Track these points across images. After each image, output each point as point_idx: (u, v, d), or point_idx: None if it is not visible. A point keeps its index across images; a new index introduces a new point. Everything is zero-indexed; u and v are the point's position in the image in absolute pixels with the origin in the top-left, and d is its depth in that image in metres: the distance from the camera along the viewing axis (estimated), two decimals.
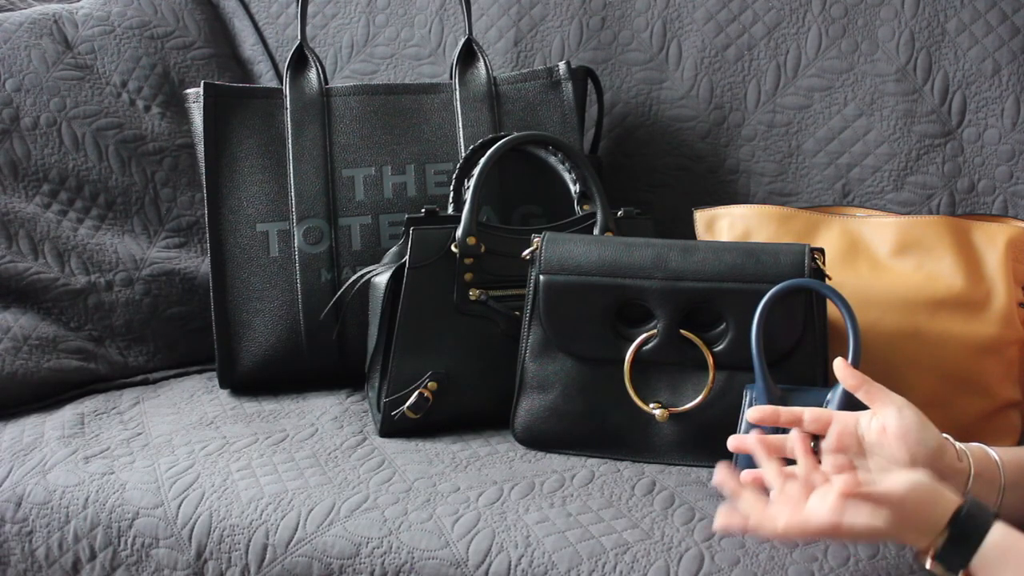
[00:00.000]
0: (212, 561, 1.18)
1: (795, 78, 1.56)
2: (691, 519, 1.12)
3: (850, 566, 1.04)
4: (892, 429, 1.04)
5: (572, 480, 1.21)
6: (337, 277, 1.46)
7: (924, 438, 1.04)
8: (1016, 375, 1.32)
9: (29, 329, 1.48)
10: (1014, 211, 1.47)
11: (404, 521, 1.14)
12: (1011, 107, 1.47)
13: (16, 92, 1.57)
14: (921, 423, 1.04)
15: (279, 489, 1.20)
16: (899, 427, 1.04)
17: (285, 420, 1.38)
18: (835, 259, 1.33)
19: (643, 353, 1.25)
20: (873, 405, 1.06)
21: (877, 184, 1.52)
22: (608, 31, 1.64)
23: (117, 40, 1.67)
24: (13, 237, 1.51)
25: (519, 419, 1.30)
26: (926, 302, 1.30)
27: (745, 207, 1.40)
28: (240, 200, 1.46)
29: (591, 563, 1.07)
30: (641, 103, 1.62)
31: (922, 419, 1.05)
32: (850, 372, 1.09)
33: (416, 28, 1.72)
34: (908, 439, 1.03)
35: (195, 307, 1.58)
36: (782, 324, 1.21)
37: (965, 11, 1.49)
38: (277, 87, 1.50)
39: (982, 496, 1.05)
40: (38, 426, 1.38)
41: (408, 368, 1.32)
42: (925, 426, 1.05)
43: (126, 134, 1.61)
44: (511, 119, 1.51)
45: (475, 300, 1.33)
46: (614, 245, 1.26)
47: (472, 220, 1.33)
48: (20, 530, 1.26)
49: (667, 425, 1.25)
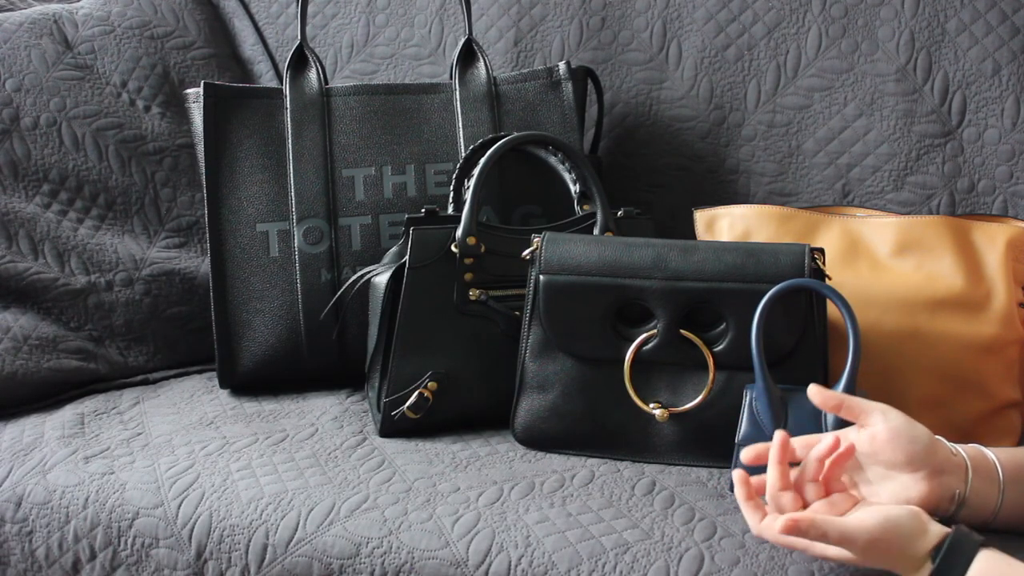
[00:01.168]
0: (212, 561, 1.18)
1: (795, 78, 1.56)
2: (691, 519, 1.12)
3: (850, 567, 1.04)
4: (881, 435, 1.04)
5: (572, 480, 1.21)
6: (337, 277, 1.46)
7: (914, 436, 1.04)
8: (1016, 375, 1.32)
9: (29, 329, 1.48)
10: (1014, 211, 1.47)
11: (404, 521, 1.14)
12: (1011, 107, 1.47)
13: (16, 92, 1.57)
14: (908, 423, 1.05)
15: (279, 489, 1.20)
16: (887, 431, 1.04)
17: (285, 420, 1.38)
18: (835, 259, 1.33)
19: (643, 353, 1.25)
20: (858, 419, 1.06)
21: (877, 184, 1.52)
22: (608, 31, 1.64)
23: (117, 40, 1.67)
24: (13, 237, 1.51)
25: (519, 419, 1.30)
26: (926, 302, 1.30)
27: (745, 207, 1.40)
28: (240, 200, 1.46)
29: (591, 563, 1.07)
30: (641, 103, 1.63)
31: (908, 419, 1.05)
32: (825, 395, 1.07)
33: (416, 28, 1.72)
34: (899, 440, 1.04)
35: (195, 307, 1.58)
36: (782, 324, 1.21)
37: (965, 11, 1.49)
38: (277, 87, 1.50)
39: (983, 492, 1.05)
40: (38, 426, 1.38)
41: (408, 368, 1.32)
42: (913, 425, 1.05)
43: (126, 134, 1.61)
44: (511, 119, 1.51)
45: (475, 300, 1.33)
46: (614, 245, 1.26)
47: (472, 220, 1.33)
48: (20, 530, 1.26)
49: (667, 425, 1.25)
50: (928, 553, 0.97)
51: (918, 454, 1.03)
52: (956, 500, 1.05)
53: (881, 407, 1.06)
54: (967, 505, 1.05)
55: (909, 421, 1.05)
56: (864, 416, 1.06)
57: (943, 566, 0.95)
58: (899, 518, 0.98)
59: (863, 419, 1.06)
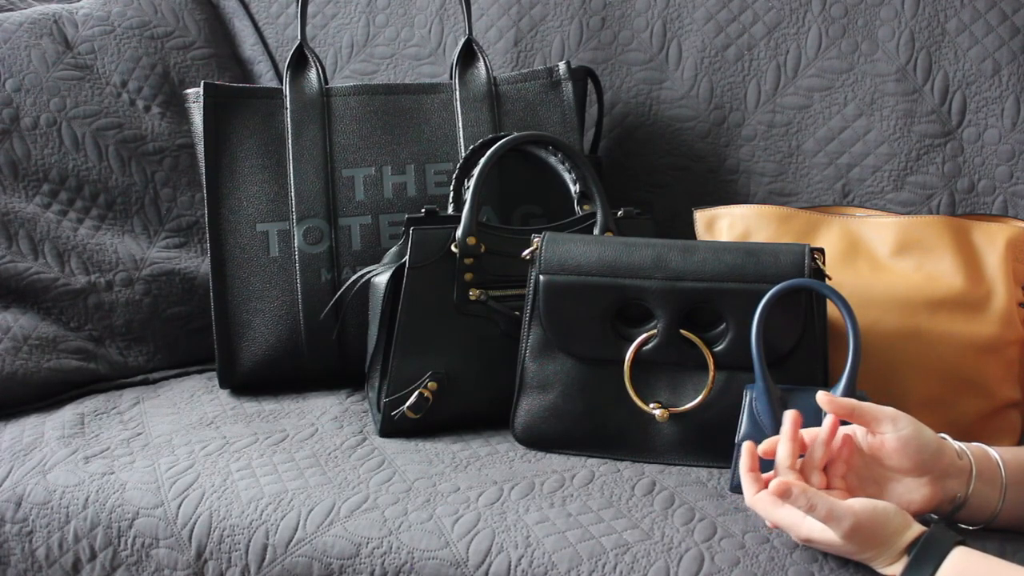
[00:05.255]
0: (212, 561, 1.18)
1: (795, 78, 1.56)
2: (691, 519, 1.12)
3: (850, 568, 1.04)
4: (891, 443, 1.05)
5: (572, 480, 1.21)
6: (337, 277, 1.46)
7: (923, 444, 1.05)
8: (1016, 375, 1.32)
9: (29, 329, 1.48)
10: (1014, 211, 1.47)
11: (404, 521, 1.14)
12: (1011, 107, 1.47)
13: (16, 92, 1.57)
14: (918, 430, 1.05)
15: (279, 489, 1.20)
16: (897, 440, 1.04)
17: (285, 420, 1.38)
18: (835, 259, 1.33)
19: (643, 353, 1.25)
20: (868, 426, 1.06)
21: (877, 184, 1.52)
22: (608, 31, 1.64)
23: (117, 40, 1.67)
24: (13, 237, 1.51)
25: (519, 419, 1.30)
26: (926, 302, 1.30)
27: (745, 207, 1.40)
28: (240, 200, 1.46)
29: (591, 563, 1.07)
30: (641, 103, 1.62)
31: (918, 426, 1.05)
32: (837, 404, 1.07)
33: (416, 28, 1.72)
34: (908, 449, 1.04)
35: (195, 307, 1.58)
36: (782, 324, 1.21)
37: (965, 11, 1.49)
38: (277, 87, 1.50)
39: (984, 494, 1.06)
40: (38, 426, 1.38)
41: (408, 368, 1.32)
42: (922, 432, 1.05)
43: (126, 134, 1.61)
44: (511, 119, 1.51)
45: (475, 300, 1.33)
46: (614, 245, 1.26)
47: (472, 220, 1.33)
48: (20, 530, 1.26)
49: (667, 425, 1.25)
50: (905, 548, 0.99)
51: (924, 461, 1.04)
52: (956, 503, 1.05)
53: (891, 414, 1.06)
54: (967, 506, 1.06)
55: (918, 428, 1.05)
56: (875, 423, 1.06)
57: (917, 559, 0.97)
58: (886, 510, 1.00)
59: (874, 426, 1.06)
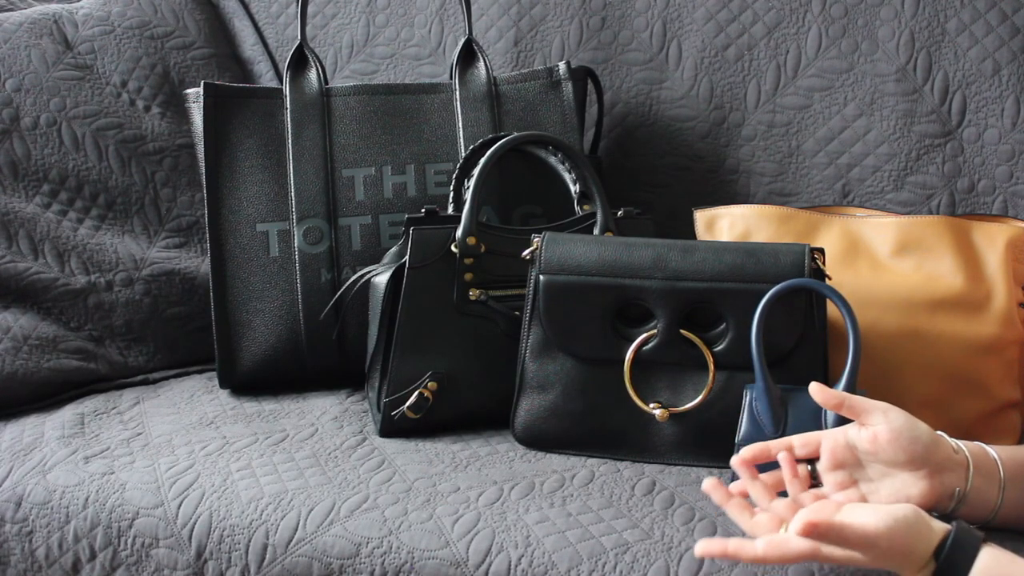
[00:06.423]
0: (212, 561, 1.18)
1: (795, 78, 1.56)
2: (691, 519, 1.12)
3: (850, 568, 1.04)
4: (883, 435, 1.04)
5: (572, 480, 1.21)
6: (337, 277, 1.46)
7: (916, 436, 1.04)
8: (1016, 375, 1.32)
9: (29, 329, 1.48)
10: (1014, 211, 1.47)
11: (404, 521, 1.14)
12: (1011, 107, 1.47)
13: (16, 92, 1.57)
14: (910, 422, 1.05)
15: (279, 489, 1.20)
16: (889, 431, 1.04)
17: (285, 420, 1.38)
18: (835, 259, 1.33)
19: (643, 353, 1.25)
20: (859, 418, 1.06)
21: (877, 184, 1.52)
22: (608, 31, 1.64)
23: (117, 40, 1.67)
24: (13, 237, 1.51)
25: (519, 419, 1.30)
26: (926, 302, 1.30)
27: (745, 207, 1.40)
28: (240, 200, 1.46)
29: (591, 563, 1.07)
30: (641, 103, 1.62)
31: (910, 418, 1.05)
32: (826, 394, 1.07)
33: (416, 28, 1.72)
34: (901, 440, 1.04)
35: (195, 307, 1.58)
36: (782, 324, 1.21)
37: (965, 11, 1.49)
38: (277, 87, 1.50)
39: (983, 490, 1.05)
40: (38, 426, 1.38)
41: (408, 368, 1.32)
42: (915, 424, 1.05)
43: (126, 134, 1.61)
44: (511, 119, 1.51)
45: (475, 300, 1.33)
46: (614, 245, 1.26)
47: (472, 220, 1.33)
48: (20, 530, 1.26)
49: (667, 425, 1.25)
50: (931, 552, 0.96)
51: (919, 453, 1.03)
52: (956, 498, 1.05)
53: (882, 406, 1.06)
54: (967, 503, 1.05)
55: (910, 420, 1.05)
56: (865, 415, 1.05)
57: (947, 564, 0.95)
58: (907, 518, 0.97)
59: (864, 418, 1.06)
